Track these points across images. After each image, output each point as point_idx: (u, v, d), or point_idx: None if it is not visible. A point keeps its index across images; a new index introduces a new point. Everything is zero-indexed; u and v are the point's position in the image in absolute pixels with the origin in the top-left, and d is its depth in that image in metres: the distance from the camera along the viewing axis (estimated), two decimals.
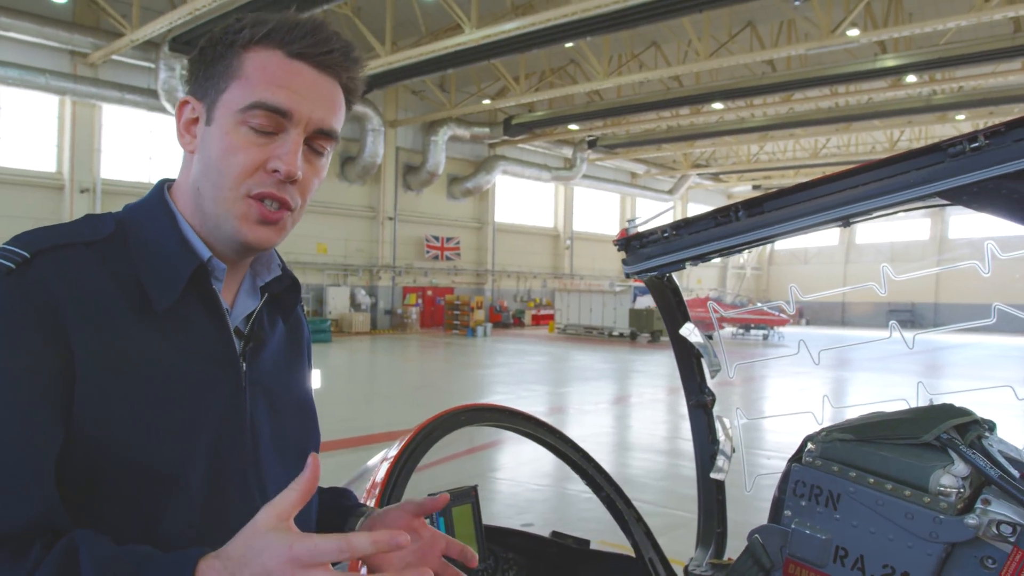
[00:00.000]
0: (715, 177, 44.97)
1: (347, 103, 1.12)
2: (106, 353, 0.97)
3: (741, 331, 33.82)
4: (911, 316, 42.89)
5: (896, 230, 47.52)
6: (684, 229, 1.80)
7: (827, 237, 51.45)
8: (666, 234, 1.83)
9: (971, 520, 1.31)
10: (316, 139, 1.07)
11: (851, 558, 1.44)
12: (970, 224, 44.47)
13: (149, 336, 1.01)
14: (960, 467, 1.37)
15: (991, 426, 1.52)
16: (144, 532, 0.95)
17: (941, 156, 1.42)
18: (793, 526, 1.51)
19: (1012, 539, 1.29)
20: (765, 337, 32.54)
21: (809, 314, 47.86)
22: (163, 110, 23.43)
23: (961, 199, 1.42)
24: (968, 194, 1.40)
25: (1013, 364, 22.83)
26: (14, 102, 22.62)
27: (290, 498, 0.83)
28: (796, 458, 1.56)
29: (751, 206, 1.68)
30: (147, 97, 23.47)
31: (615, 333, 31.79)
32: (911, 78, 24.50)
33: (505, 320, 36.90)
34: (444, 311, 33.63)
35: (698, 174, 44.28)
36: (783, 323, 32.22)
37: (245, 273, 1.18)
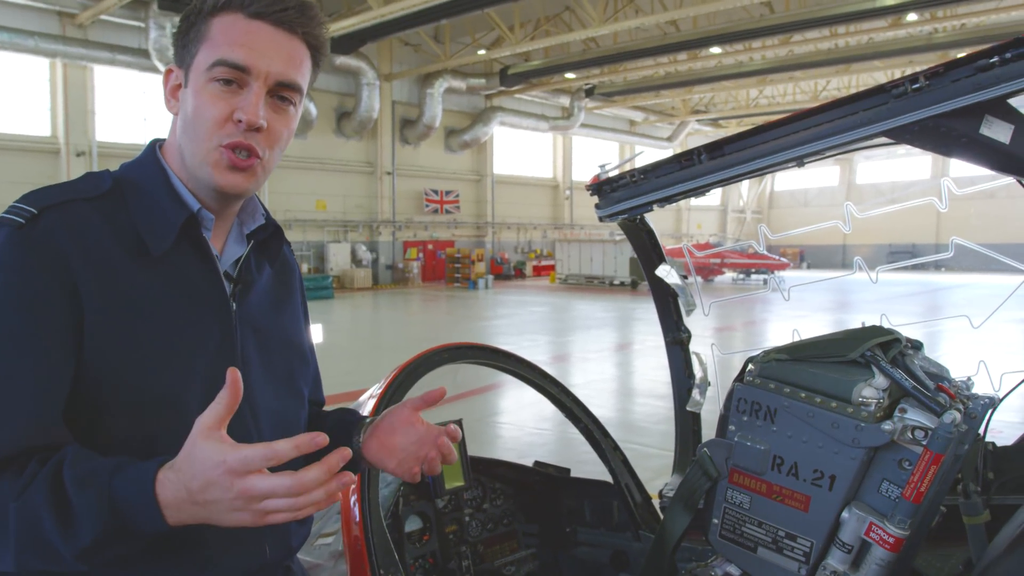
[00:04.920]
0: (715, 123, 44.53)
1: (315, 59, 1.23)
2: (110, 295, 1.10)
3: (742, 276, 33.95)
4: (912, 256, 42.89)
5: (897, 170, 47.18)
6: (651, 173, 1.90)
7: (827, 178, 51.02)
8: (634, 178, 1.93)
9: (886, 426, 1.44)
10: (279, 90, 1.18)
11: (786, 465, 1.58)
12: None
13: (147, 279, 1.14)
14: (880, 380, 1.49)
15: (917, 345, 1.64)
16: (146, 450, 1.07)
17: (885, 97, 1.51)
18: (736, 439, 1.65)
19: (924, 442, 1.42)
20: (765, 282, 32.66)
21: (810, 258, 47.85)
22: (155, 70, 22.97)
23: (904, 137, 1.50)
24: (910, 133, 1.49)
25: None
26: (5, 66, 22.36)
27: (216, 410, 0.96)
28: (739, 378, 1.68)
29: (712, 149, 1.77)
30: (138, 57, 23.07)
31: (616, 282, 31.91)
32: (912, 16, 24.08)
33: (506, 272, 36.96)
34: (445, 264, 33.69)
35: (697, 120, 43.86)
36: (783, 267, 32.36)
37: (232, 223, 1.31)
